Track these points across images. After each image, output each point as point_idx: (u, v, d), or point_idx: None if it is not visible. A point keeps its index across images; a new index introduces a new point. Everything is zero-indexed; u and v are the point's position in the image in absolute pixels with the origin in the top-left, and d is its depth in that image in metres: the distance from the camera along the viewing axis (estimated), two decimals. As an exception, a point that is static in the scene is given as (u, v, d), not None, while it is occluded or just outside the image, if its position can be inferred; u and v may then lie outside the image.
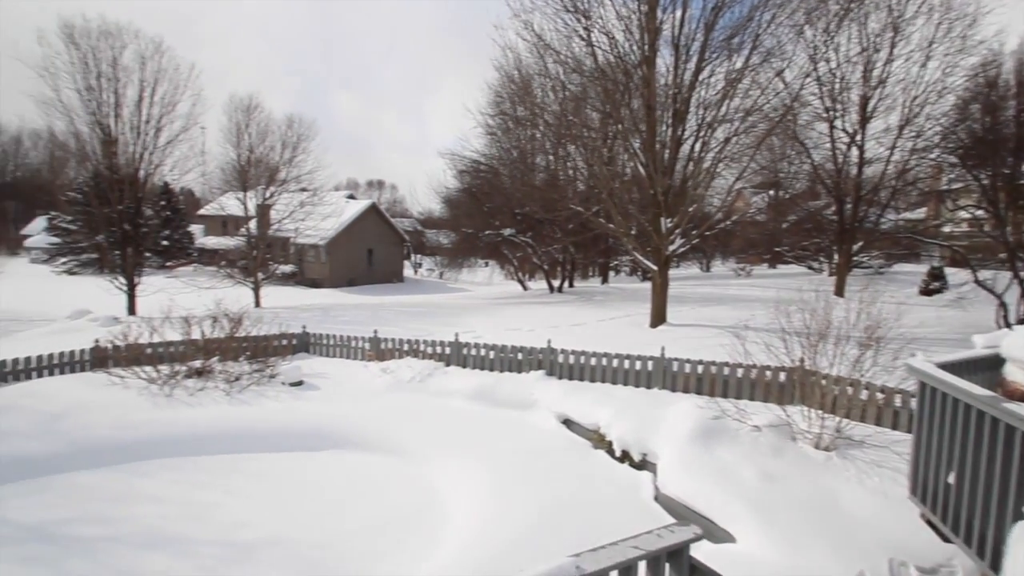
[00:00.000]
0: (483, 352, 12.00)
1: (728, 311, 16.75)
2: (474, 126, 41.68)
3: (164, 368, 11.18)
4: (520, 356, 11.56)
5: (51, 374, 11.36)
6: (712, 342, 11.72)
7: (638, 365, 10.27)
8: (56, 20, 20.33)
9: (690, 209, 14.69)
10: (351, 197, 45.71)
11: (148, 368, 11.11)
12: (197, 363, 11.45)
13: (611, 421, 8.57)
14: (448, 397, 10.81)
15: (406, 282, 43.63)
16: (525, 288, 33.07)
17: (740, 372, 9.18)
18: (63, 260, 39.43)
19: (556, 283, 30.48)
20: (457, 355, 12.25)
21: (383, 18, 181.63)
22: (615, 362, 10.51)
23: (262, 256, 26.23)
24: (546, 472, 7.59)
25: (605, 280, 36.57)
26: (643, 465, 7.76)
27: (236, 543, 6.57)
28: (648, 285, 25.30)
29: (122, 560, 6.21)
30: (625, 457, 8.05)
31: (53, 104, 20.32)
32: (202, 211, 46.45)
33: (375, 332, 13.38)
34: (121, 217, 21.47)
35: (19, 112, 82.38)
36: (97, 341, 12.08)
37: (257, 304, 24.31)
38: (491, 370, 11.80)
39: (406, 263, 50.41)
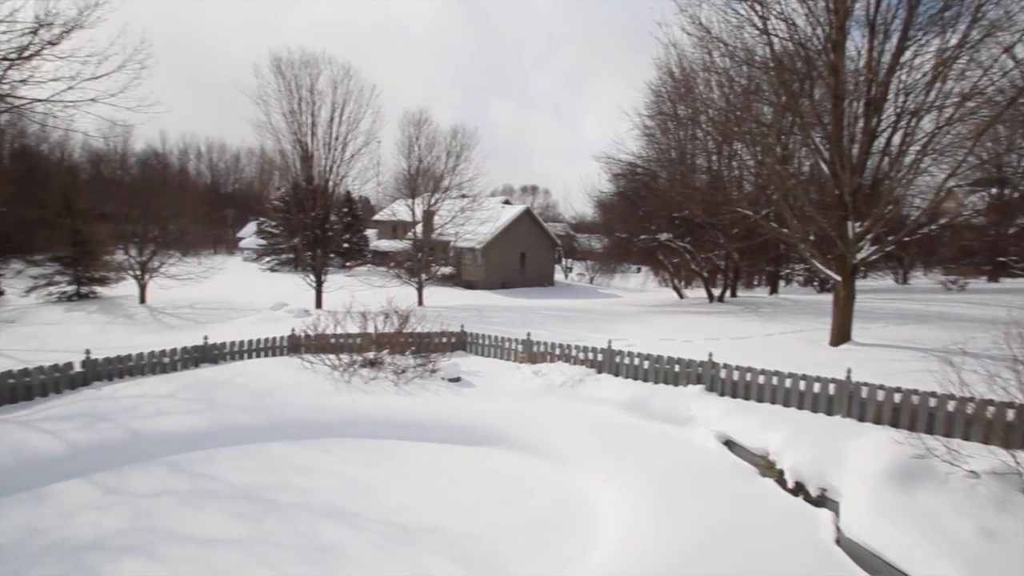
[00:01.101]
0: (637, 361, 11.59)
1: (933, 331, 14.28)
2: (630, 128, 40.88)
3: (345, 357, 12.52)
4: (677, 368, 10.96)
5: (257, 356, 13.37)
6: (911, 367, 10.19)
7: (816, 387, 9.12)
8: (267, 54, 24.09)
9: (886, 211, 12.73)
10: (506, 202, 47.51)
11: (332, 356, 12.54)
12: (371, 354, 12.64)
13: (783, 447, 7.74)
14: (600, 405, 10.61)
15: (556, 286, 44.15)
16: (681, 296, 31.50)
17: (952, 405, 7.70)
18: (267, 259, 46.60)
19: (716, 292, 28.55)
20: (609, 363, 11.98)
21: (539, 25, 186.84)
22: (788, 382, 9.45)
23: (426, 258, 28.28)
24: (706, 495, 7.07)
25: (774, 290, 33.45)
26: (822, 501, 6.88)
27: (399, 525, 7.06)
28: (827, 297, 22.66)
29: (306, 525, 7.00)
30: (799, 490, 7.19)
31: (264, 127, 24.27)
32: (376, 217, 51.73)
33: (528, 334, 13.62)
34: (313, 223, 24.68)
35: (239, 134, 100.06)
36: (293, 330, 13.96)
37: (420, 303, 26.28)
38: (644, 380, 11.35)
39: (557, 267, 51.04)
